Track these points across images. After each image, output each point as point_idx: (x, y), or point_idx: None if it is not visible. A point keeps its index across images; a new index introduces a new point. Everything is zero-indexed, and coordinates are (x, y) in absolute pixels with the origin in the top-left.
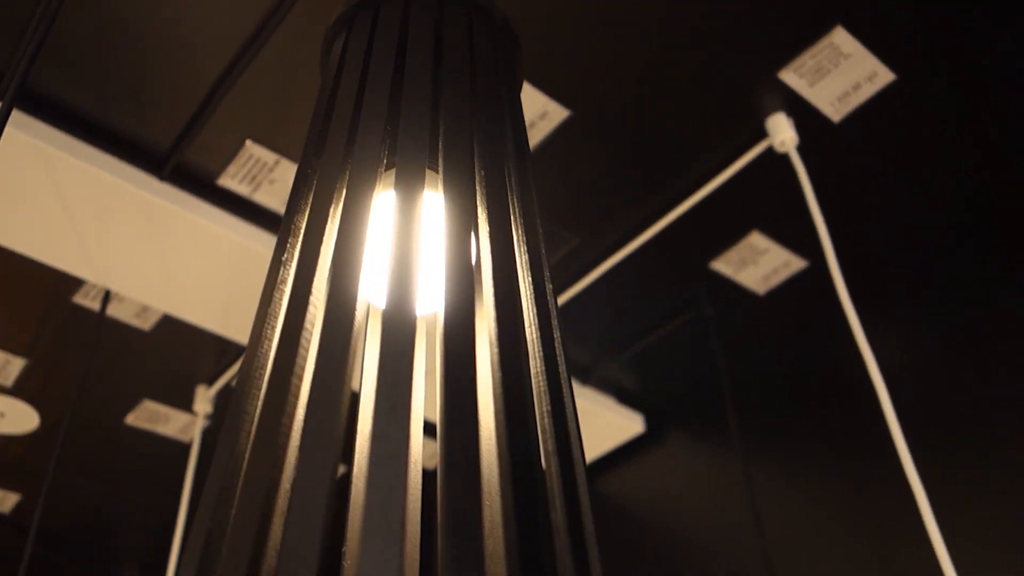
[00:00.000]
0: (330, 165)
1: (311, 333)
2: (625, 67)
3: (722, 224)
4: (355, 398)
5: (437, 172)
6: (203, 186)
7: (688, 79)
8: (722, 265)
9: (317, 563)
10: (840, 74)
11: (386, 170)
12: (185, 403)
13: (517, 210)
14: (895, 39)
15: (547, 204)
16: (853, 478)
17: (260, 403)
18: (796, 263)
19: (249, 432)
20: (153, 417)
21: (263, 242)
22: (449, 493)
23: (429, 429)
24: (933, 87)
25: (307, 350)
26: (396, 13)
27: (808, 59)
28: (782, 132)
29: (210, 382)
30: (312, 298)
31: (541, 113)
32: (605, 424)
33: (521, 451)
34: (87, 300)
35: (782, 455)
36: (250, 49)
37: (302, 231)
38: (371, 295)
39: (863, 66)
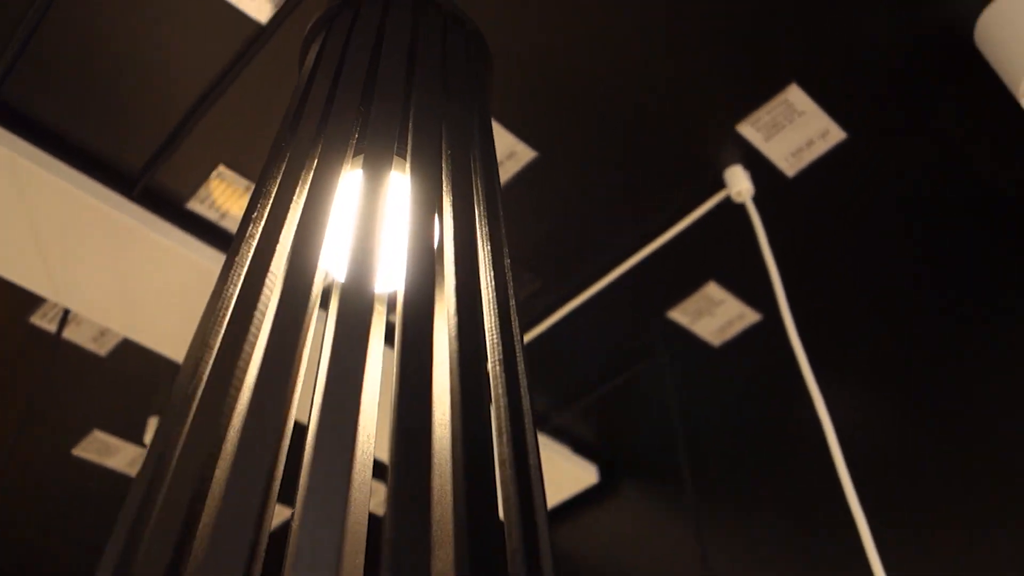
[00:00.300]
0: (302, 142)
1: (267, 306)
2: (592, 113)
3: (680, 273)
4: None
5: (405, 158)
6: (172, 209)
7: (651, 128)
8: (679, 315)
9: (249, 551)
10: (794, 130)
11: (356, 155)
12: (136, 435)
13: (481, 195)
14: (846, 99)
15: (510, 245)
16: (806, 536)
17: (208, 371)
18: (751, 316)
19: (193, 400)
20: (102, 449)
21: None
22: (397, 484)
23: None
24: (883, 146)
25: (261, 322)
26: (374, 15)
27: (764, 114)
28: (739, 183)
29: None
30: (271, 268)
31: (509, 153)
32: (560, 474)
33: (475, 434)
34: (44, 321)
35: (735, 510)
36: (228, 76)
37: (268, 204)
38: (333, 269)
39: (816, 123)
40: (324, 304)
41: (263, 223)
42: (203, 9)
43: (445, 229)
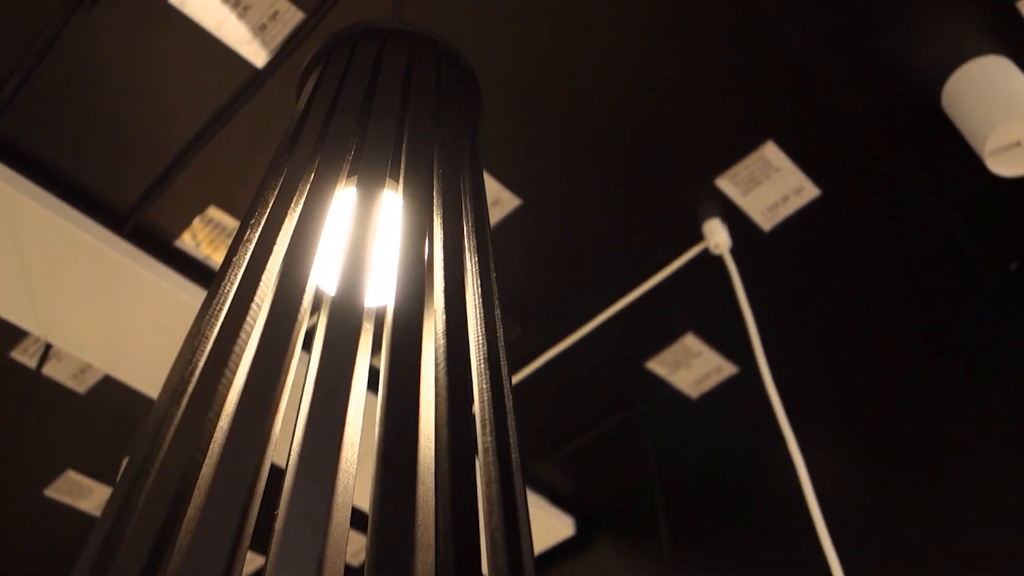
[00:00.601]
0: (299, 158)
1: (257, 314)
2: (576, 165)
3: (659, 324)
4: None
5: (398, 177)
6: (161, 246)
7: (632, 181)
8: (657, 365)
9: (227, 557)
10: (770, 186)
11: (351, 174)
12: (110, 476)
13: (470, 215)
14: (821, 157)
15: None
16: None
17: (195, 378)
18: (728, 368)
19: (179, 405)
20: (75, 490)
21: None
22: (383, 494)
23: None
24: (856, 203)
25: (250, 330)
26: (371, 48)
27: (742, 169)
28: (717, 236)
29: None
30: (263, 279)
31: (494, 200)
32: (536, 525)
33: (461, 445)
34: (25, 356)
35: (712, 562)
36: (222, 117)
37: (264, 216)
38: (325, 282)
39: (791, 180)
40: (315, 311)
41: (258, 234)
42: (202, 52)
43: (435, 245)
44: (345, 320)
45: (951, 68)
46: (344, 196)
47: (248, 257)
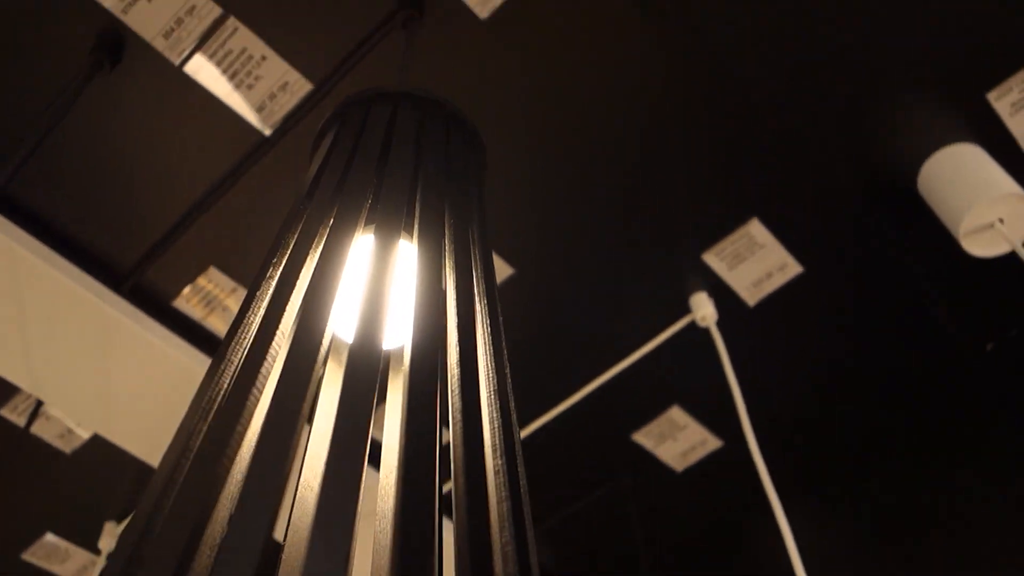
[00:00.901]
0: (319, 204)
1: (275, 357)
2: (570, 237)
3: (645, 396)
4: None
5: (412, 228)
6: (158, 306)
7: (624, 253)
8: (643, 438)
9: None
10: (755, 262)
11: (368, 223)
12: (90, 540)
13: (479, 264)
14: (804, 235)
15: None
16: None
17: (212, 416)
18: (712, 442)
19: (189, 454)
20: (52, 553)
21: (203, 366)
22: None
23: None
24: (838, 281)
25: (269, 372)
26: (385, 110)
27: (728, 245)
28: (704, 308)
29: (120, 519)
30: (282, 324)
31: None
32: None
33: (474, 464)
34: (14, 415)
35: None
36: (226, 182)
37: (284, 259)
38: (340, 328)
39: (775, 257)
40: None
41: (278, 275)
42: (211, 118)
43: (448, 289)
44: (363, 374)
45: (926, 154)
46: (361, 243)
47: (269, 297)
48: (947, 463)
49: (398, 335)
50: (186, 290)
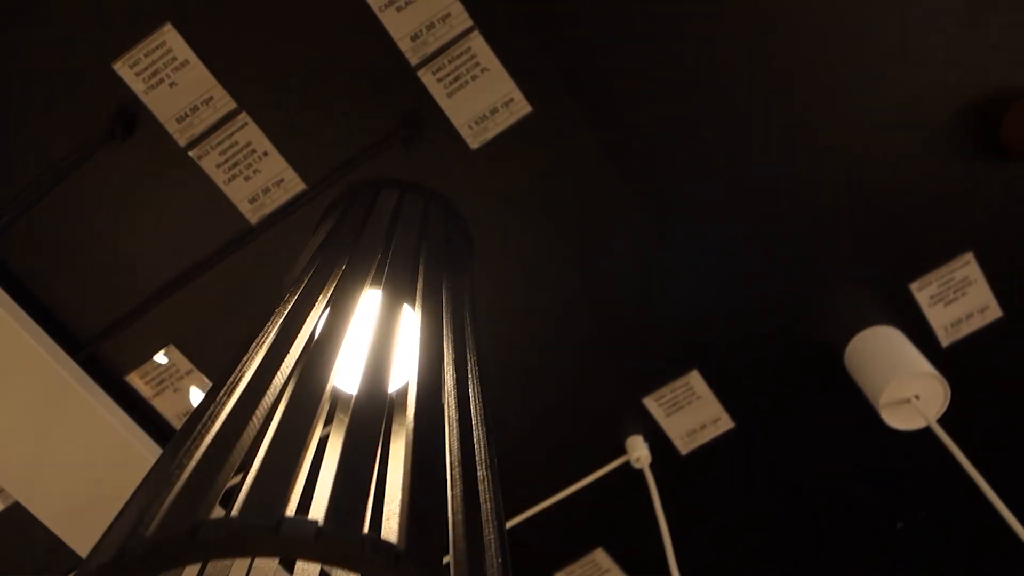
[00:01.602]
0: (332, 255)
1: (279, 387)
2: (519, 374)
3: (570, 536)
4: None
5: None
6: (110, 377)
7: (567, 390)
8: None
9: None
10: (692, 412)
11: (374, 283)
12: None
13: (470, 331)
14: (738, 392)
15: None
16: None
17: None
18: None
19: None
20: None
21: (146, 447)
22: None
23: None
24: (766, 439)
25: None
26: (393, 194)
27: (668, 392)
28: (639, 450)
29: None
30: (287, 359)
31: None
32: None
33: (468, 473)
34: None
35: None
36: (203, 266)
37: (295, 298)
38: (341, 379)
39: (710, 409)
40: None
41: (287, 311)
42: (203, 202)
43: (446, 349)
44: (367, 425)
45: (853, 332)
46: (368, 297)
47: (276, 329)
48: None
49: (401, 377)
50: (143, 366)
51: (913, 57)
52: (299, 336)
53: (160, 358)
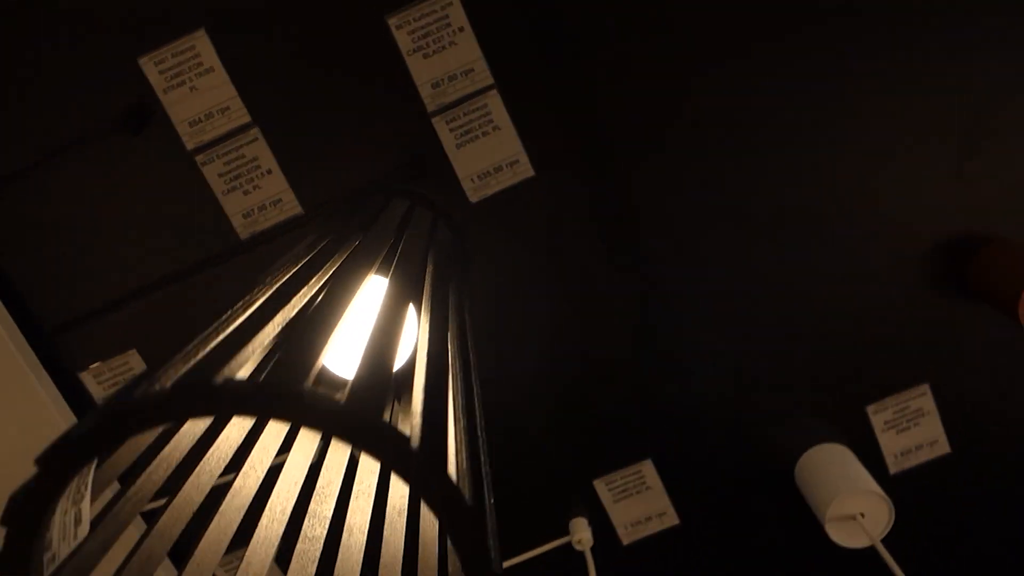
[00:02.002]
0: (343, 234)
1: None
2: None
3: None
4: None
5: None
6: (64, 373)
7: (520, 460)
8: None
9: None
10: (639, 501)
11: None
12: None
13: (467, 328)
14: (689, 492)
15: None
16: None
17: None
18: None
19: None
20: None
21: None
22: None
23: None
24: (707, 544)
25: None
26: (403, 203)
27: (619, 478)
28: (581, 532)
29: None
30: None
31: None
32: None
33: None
34: None
35: None
36: (184, 275)
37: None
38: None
39: (658, 502)
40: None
41: (299, 267)
42: (199, 209)
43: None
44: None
45: (805, 448)
46: (372, 280)
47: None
48: None
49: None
50: (97, 365)
51: (897, 195)
52: (318, 275)
53: (119, 361)
